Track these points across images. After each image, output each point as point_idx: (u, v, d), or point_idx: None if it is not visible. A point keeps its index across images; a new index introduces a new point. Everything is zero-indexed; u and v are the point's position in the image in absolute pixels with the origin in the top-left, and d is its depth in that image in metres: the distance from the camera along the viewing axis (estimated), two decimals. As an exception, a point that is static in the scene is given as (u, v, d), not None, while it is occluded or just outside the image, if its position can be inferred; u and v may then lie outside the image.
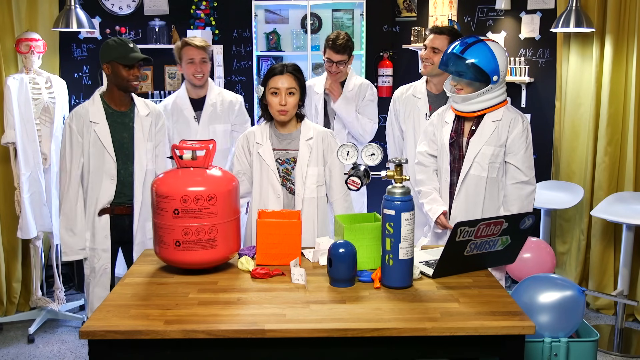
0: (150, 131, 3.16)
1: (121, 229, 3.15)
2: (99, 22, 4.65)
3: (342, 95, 3.87)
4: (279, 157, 2.85)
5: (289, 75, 2.79)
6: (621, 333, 3.90)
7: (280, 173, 2.85)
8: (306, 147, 2.85)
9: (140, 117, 3.13)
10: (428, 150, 3.06)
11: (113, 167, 3.06)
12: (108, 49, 3.03)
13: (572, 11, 4.04)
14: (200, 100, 3.71)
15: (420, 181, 3.09)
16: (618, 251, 4.20)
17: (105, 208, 3.09)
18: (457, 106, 2.88)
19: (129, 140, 3.11)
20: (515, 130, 2.82)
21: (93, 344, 1.89)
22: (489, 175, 2.86)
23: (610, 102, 4.18)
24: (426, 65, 3.40)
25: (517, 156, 2.83)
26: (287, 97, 2.76)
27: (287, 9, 4.92)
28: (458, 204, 2.93)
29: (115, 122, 3.09)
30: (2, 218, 4.15)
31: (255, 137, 2.89)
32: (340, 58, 3.81)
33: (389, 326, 1.88)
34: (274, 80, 2.78)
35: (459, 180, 2.91)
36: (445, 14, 4.71)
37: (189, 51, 3.61)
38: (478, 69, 2.75)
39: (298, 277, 2.23)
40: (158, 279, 2.28)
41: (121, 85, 3.05)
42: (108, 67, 3.03)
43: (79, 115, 3.06)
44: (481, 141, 2.84)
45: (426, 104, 3.47)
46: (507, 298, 2.10)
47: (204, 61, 3.64)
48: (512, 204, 2.85)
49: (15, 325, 4.14)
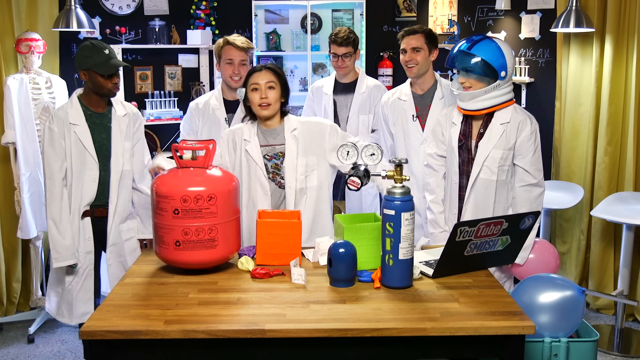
0: (127, 131, 3.09)
1: (102, 231, 3.09)
2: (99, 22, 4.65)
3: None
4: (267, 153, 2.85)
5: (267, 70, 2.81)
6: (621, 333, 3.90)
7: (269, 169, 2.85)
8: (292, 139, 2.84)
9: (118, 118, 3.07)
10: (437, 152, 3.02)
11: (95, 168, 3.01)
12: (83, 57, 2.92)
13: (572, 11, 4.03)
14: (234, 103, 3.56)
15: (429, 185, 3.06)
16: (618, 251, 4.20)
17: (87, 210, 3.04)
18: (464, 105, 2.85)
19: (107, 141, 3.05)
20: (524, 132, 2.80)
21: (92, 344, 1.89)
22: (498, 178, 2.83)
23: (610, 102, 4.18)
24: (411, 67, 3.35)
25: (526, 159, 2.81)
26: (267, 91, 2.77)
27: (287, 9, 4.92)
28: (468, 209, 2.89)
29: (94, 124, 3.03)
30: (2, 218, 4.15)
31: (243, 133, 2.89)
32: (345, 50, 3.79)
33: (389, 326, 1.88)
34: (253, 77, 2.80)
35: (468, 184, 2.88)
36: (445, 14, 4.71)
37: (229, 51, 3.45)
38: (486, 65, 2.74)
39: (298, 277, 2.23)
40: (158, 279, 2.28)
41: (100, 92, 2.97)
42: (85, 74, 2.95)
43: (58, 117, 2.97)
44: (490, 144, 2.82)
45: (412, 106, 3.46)
46: (507, 298, 2.10)
47: (244, 63, 3.46)
48: (521, 207, 2.83)
49: (15, 325, 4.14)
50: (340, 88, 3.94)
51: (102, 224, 3.09)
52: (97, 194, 3.04)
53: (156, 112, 4.59)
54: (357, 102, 3.88)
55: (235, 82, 3.49)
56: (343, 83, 3.95)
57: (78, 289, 3.08)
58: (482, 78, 2.78)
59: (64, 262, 2.99)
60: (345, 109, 3.93)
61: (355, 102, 3.88)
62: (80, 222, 3.04)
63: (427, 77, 3.42)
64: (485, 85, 2.78)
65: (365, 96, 3.88)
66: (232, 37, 3.51)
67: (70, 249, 3.00)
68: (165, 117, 4.60)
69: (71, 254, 3.00)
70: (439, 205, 3.00)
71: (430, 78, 3.44)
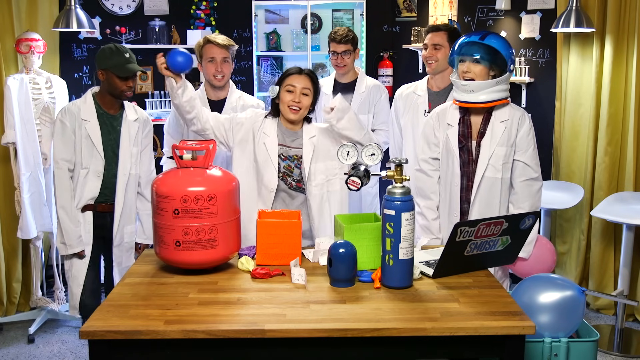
0: (136, 137, 3.16)
1: (102, 226, 3.17)
2: (99, 22, 4.65)
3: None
4: (282, 152, 2.86)
5: (306, 76, 2.83)
6: (621, 333, 3.90)
7: (281, 169, 2.85)
8: (310, 145, 2.86)
9: (128, 122, 3.14)
10: (431, 155, 2.94)
11: (101, 165, 3.08)
12: (104, 57, 3.01)
13: (572, 11, 4.03)
14: (219, 103, 3.53)
15: (421, 190, 2.96)
16: (618, 251, 4.20)
17: (89, 204, 3.12)
18: (466, 97, 2.77)
19: (114, 143, 3.12)
20: (524, 127, 2.81)
21: (93, 344, 1.89)
22: (503, 176, 2.82)
23: (610, 102, 4.18)
24: (431, 63, 3.40)
25: (527, 153, 2.82)
26: (301, 97, 2.79)
27: (287, 9, 4.92)
28: (474, 209, 2.85)
29: (105, 123, 3.10)
30: (2, 218, 4.15)
31: (264, 125, 2.89)
32: (344, 48, 3.80)
33: (389, 326, 1.88)
34: (291, 79, 2.81)
35: (474, 185, 2.84)
36: (445, 14, 4.71)
37: (211, 49, 3.40)
38: (498, 54, 2.74)
39: (298, 277, 2.23)
40: (158, 279, 2.28)
41: (114, 93, 3.06)
42: (103, 73, 3.03)
43: (71, 112, 3.06)
44: (493, 142, 2.81)
45: (426, 101, 3.47)
46: (507, 298, 2.10)
47: (226, 61, 3.42)
48: (524, 201, 2.81)
49: (15, 325, 4.14)
50: (340, 88, 3.95)
51: (103, 219, 3.16)
52: (100, 192, 3.11)
53: (156, 112, 4.59)
54: (357, 102, 3.88)
55: (219, 81, 3.45)
56: (342, 83, 3.95)
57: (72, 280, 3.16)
58: (491, 67, 2.76)
59: (75, 249, 3.08)
60: None
61: (354, 102, 3.88)
62: (80, 214, 3.11)
63: (446, 75, 3.41)
64: (488, 77, 2.77)
65: (365, 96, 3.89)
66: (212, 36, 3.47)
67: (79, 236, 3.09)
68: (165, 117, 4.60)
69: (80, 241, 3.09)
70: (434, 211, 2.94)
71: (448, 77, 3.40)
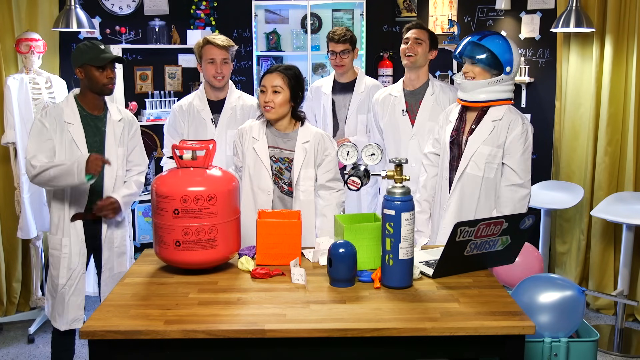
0: (122, 137, 3.06)
1: (92, 235, 3.05)
2: (99, 22, 4.65)
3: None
4: (273, 155, 2.86)
5: (277, 73, 2.82)
6: (621, 333, 3.90)
7: (273, 171, 2.86)
8: (301, 150, 2.86)
9: (113, 122, 3.03)
10: (433, 150, 3.07)
11: None
12: (79, 53, 2.92)
13: (572, 11, 4.03)
14: (219, 103, 3.54)
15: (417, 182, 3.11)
16: (618, 251, 4.20)
17: (78, 213, 3.00)
18: (463, 95, 2.87)
19: (100, 145, 3.00)
20: (515, 131, 2.80)
21: (93, 344, 1.89)
22: (485, 175, 2.84)
23: (610, 102, 4.18)
24: (410, 56, 3.47)
25: (514, 158, 2.81)
26: (271, 95, 2.78)
27: (287, 9, 4.92)
28: (452, 202, 2.90)
29: (88, 125, 2.99)
30: (2, 218, 4.15)
31: (251, 131, 2.90)
32: (343, 47, 3.82)
33: (389, 326, 1.88)
34: (263, 80, 2.84)
35: (454, 179, 2.90)
36: (445, 14, 4.71)
37: (210, 50, 3.41)
38: (493, 57, 2.78)
39: (298, 277, 2.23)
40: (158, 279, 2.28)
41: (96, 88, 2.94)
42: (81, 71, 2.92)
43: (51, 115, 2.93)
44: (479, 140, 2.83)
45: (402, 101, 3.57)
46: (507, 298, 2.10)
47: (226, 62, 3.44)
48: (505, 206, 2.82)
49: (15, 325, 4.14)
50: (339, 88, 3.95)
51: (92, 228, 3.05)
52: (88, 198, 3.00)
53: (156, 112, 4.59)
54: (356, 102, 3.89)
55: (218, 82, 3.46)
56: (342, 83, 3.96)
57: (70, 292, 3.03)
58: (488, 70, 2.81)
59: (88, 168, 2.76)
60: (343, 108, 3.94)
61: (353, 102, 3.89)
62: (70, 224, 2.99)
63: (421, 73, 3.55)
64: (490, 77, 2.80)
65: (364, 96, 3.89)
66: (212, 36, 3.47)
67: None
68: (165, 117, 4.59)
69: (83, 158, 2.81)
70: (418, 204, 3.01)
71: (423, 76, 3.56)
